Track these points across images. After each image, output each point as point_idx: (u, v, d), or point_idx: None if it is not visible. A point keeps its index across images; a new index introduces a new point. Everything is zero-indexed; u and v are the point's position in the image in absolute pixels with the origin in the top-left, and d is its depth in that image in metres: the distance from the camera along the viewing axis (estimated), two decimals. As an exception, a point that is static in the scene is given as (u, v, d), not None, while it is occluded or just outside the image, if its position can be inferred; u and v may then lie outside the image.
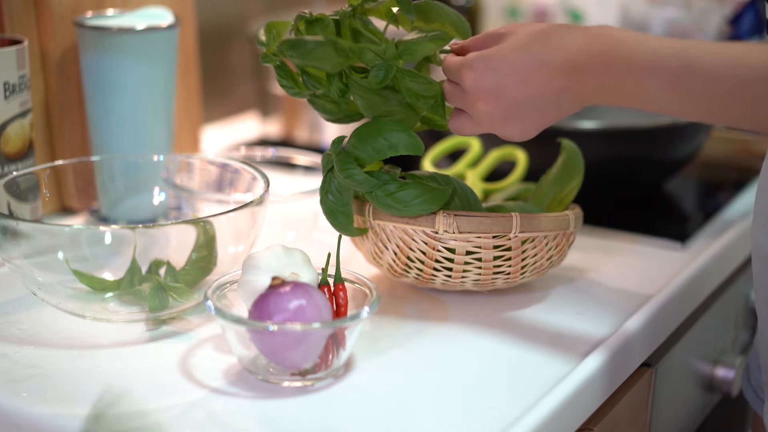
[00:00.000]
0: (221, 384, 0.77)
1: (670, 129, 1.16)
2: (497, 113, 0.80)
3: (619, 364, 0.86)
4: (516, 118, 0.80)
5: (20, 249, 0.83)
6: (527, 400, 0.77)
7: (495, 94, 0.79)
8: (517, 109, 0.79)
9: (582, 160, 0.98)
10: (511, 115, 0.80)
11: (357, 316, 0.77)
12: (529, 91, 0.78)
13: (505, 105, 0.79)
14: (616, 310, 0.92)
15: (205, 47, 1.47)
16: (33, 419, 0.73)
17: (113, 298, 0.88)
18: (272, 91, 1.44)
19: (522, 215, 0.87)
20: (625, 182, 1.19)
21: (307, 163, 1.14)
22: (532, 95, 0.79)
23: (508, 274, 0.90)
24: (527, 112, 0.80)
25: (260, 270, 0.79)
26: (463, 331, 0.88)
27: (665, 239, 1.09)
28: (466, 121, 0.84)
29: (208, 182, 1.03)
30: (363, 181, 0.85)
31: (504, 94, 0.79)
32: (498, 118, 0.81)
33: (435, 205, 0.86)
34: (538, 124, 0.81)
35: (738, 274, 1.18)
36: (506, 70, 0.78)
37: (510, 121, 0.81)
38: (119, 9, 1.14)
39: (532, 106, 0.79)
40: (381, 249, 0.90)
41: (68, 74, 1.11)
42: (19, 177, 0.92)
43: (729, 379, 1.13)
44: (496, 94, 0.79)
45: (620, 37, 0.76)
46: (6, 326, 0.86)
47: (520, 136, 0.82)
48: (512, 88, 0.79)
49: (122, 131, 1.08)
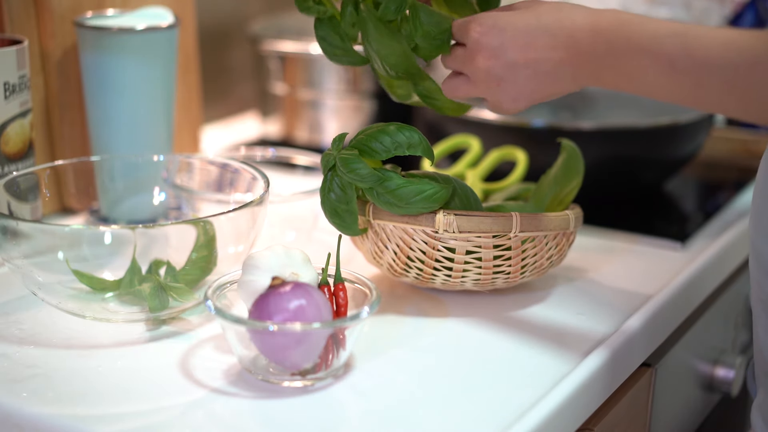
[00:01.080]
0: (221, 384, 0.77)
1: (670, 129, 1.16)
2: (494, 72, 0.81)
3: (619, 364, 0.86)
4: (511, 81, 0.81)
5: (20, 249, 0.83)
6: (527, 399, 0.77)
7: (496, 52, 0.81)
8: (514, 71, 0.81)
9: (582, 160, 0.98)
10: (506, 76, 0.81)
11: (357, 316, 0.77)
12: (529, 55, 0.80)
13: (503, 64, 0.81)
14: (616, 310, 0.92)
15: (205, 47, 1.47)
16: (33, 419, 0.73)
17: (113, 298, 0.88)
18: (272, 91, 1.44)
19: (522, 215, 0.87)
20: (625, 182, 1.19)
21: (307, 163, 1.14)
22: (531, 60, 0.80)
23: (508, 274, 0.90)
24: (524, 77, 0.81)
25: (260, 270, 0.79)
26: (463, 331, 0.88)
27: (665, 239, 1.09)
28: (461, 81, 0.85)
29: (208, 182, 1.03)
30: (366, 176, 0.85)
31: (504, 54, 0.80)
32: (493, 78, 0.82)
33: (436, 203, 0.86)
34: (531, 95, 0.82)
35: (738, 274, 1.18)
36: (512, 32, 0.80)
37: (504, 83, 0.81)
38: (119, 9, 1.14)
39: (530, 72, 0.80)
40: (381, 249, 0.90)
41: (68, 74, 1.11)
42: (19, 177, 0.92)
43: (729, 379, 1.13)
44: (497, 52, 0.81)
45: (625, 18, 0.77)
46: (6, 326, 0.86)
47: (511, 103, 0.83)
48: (514, 50, 0.80)
49: (122, 131, 1.08)
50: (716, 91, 0.73)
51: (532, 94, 0.82)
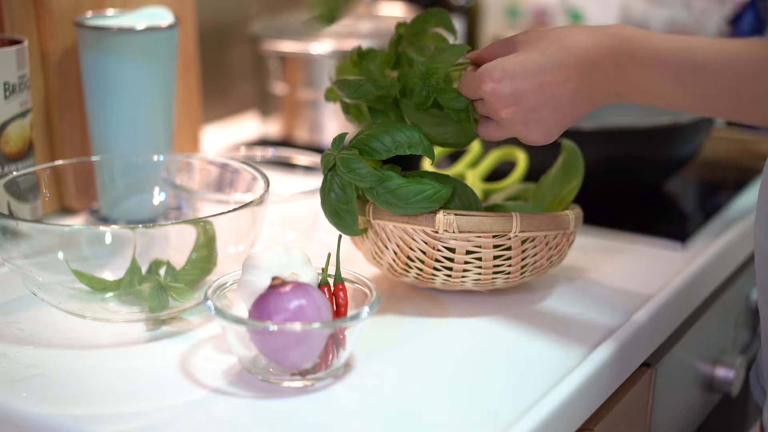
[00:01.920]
0: (221, 384, 0.77)
1: (670, 129, 1.16)
2: (518, 118, 0.82)
3: (619, 364, 0.86)
4: (536, 121, 0.82)
5: (20, 249, 0.83)
6: (527, 399, 0.77)
7: (514, 100, 0.81)
8: (536, 112, 0.81)
9: (582, 160, 0.98)
10: (531, 118, 0.82)
11: (357, 316, 0.77)
12: (546, 93, 0.80)
13: (524, 109, 0.81)
14: (616, 310, 0.92)
15: (205, 47, 1.47)
16: (33, 419, 0.73)
17: (113, 298, 0.88)
18: (272, 91, 1.44)
19: (522, 215, 0.87)
20: (625, 182, 1.19)
21: (307, 163, 1.14)
22: (549, 97, 0.80)
23: (508, 274, 0.90)
24: (547, 114, 0.81)
25: (260, 270, 0.79)
26: (463, 330, 0.88)
27: (665, 239, 1.09)
28: (493, 127, 0.86)
29: (208, 182, 1.03)
30: (366, 176, 0.85)
31: (522, 99, 0.81)
32: (519, 123, 0.82)
33: (436, 203, 0.86)
34: (558, 126, 0.83)
35: (738, 274, 1.18)
36: (522, 76, 0.80)
37: (530, 124, 0.82)
38: (119, 9, 1.14)
39: (552, 108, 0.81)
40: (381, 249, 0.90)
41: (68, 74, 1.11)
42: (19, 177, 0.92)
43: (729, 379, 1.13)
44: (515, 99, 0.81)
45: (627, 35, 0.78)
46: (6, 326, 0.86)
47: (542, 138, 0.84)
48: (530, 93, 0.80)
49: (122, 131, 1.08)
50: (725, 100, 0.74)
51: (558, 125, 0.83)
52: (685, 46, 0.75)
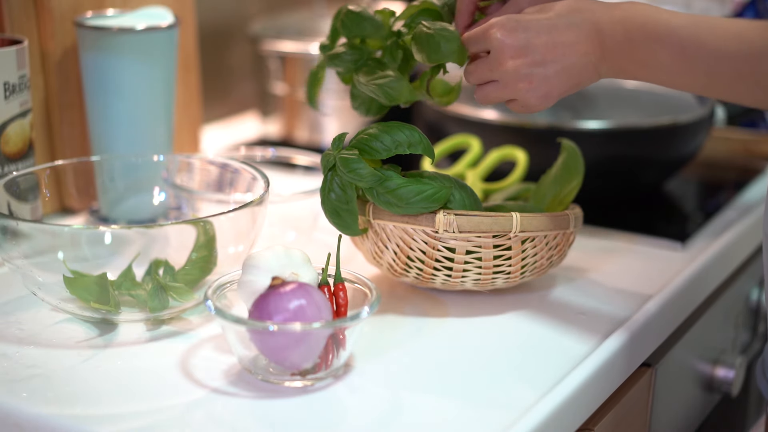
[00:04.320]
0: (221, 384, 0.77)
1: (670, 129, 1.16)
2: (523, 70, 0.82)
3: (619, 363, 0.86)
4: (541, 78, 0.82)
5: (20, 249, 0.83)
6: (527, 399, 0.77)
7: (524, 51, 0.82)
8: (543, 67, 0.82)
9: (582, 160, 0.98)
10: (536, 74, 0.82)
11: (357, 316, 0.77)
12: (557, 50, 0.81)
13: (532, 61, 0.82)
14: (616, 310, 0.92)
15: (205, 47, 1.47)
16: (33, 419, 0.73)
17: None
18: (272, 91, 1.44)
19: (522, 215, 0.87)
20: (625, 182, 1.19)
21: (307, 163, 1.14)
22: (559, 55, 0.82)
23: (508, 274, 0.90)
24: (552, 73, 0.82)
25: (260, 270, 0.79)
26: (463, 330, 0.88)
27: (665, 239, 1.09)
28: (491, 88, 0.86)
29: (208, 182, 1.03)
30: (366, 176, 0.85)
31: (532, 51, 0.82)
32: (523, 76, 0.83)
33: (436, 203, 0.86)
34: (559, 88, 0.83)
35: (738, 274, 1.18)
36: (536, 29, 0.82)
37: (534, 80, 0.83)
38: (119, 9, 1.14)
39: (558, 67, 0.82)
40: (381, 249, 0.90)
41: (68, 74, 1.11)
42: (19, 177, 0.92)
43: (729, 379, 1.13)
44: (525, 50, 0.82)
45: (641, 8, 0.80)
46: (6, 326, 0.86)
47: (541, 100, 0.84)
48: (541, 46, 0.81)
49: (122, 131, 1.08)
50: (727, 79, 0.76)
51: (560, 87, 0.83)
52: (693, 21, 0.77)
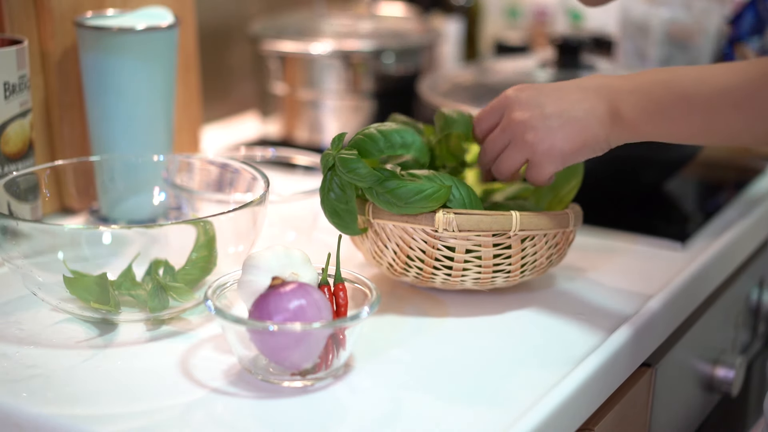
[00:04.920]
0: (221, 384, 0.77)
1: (670, 129, 1.16)
2: (530, 122, 0.87)
3: (619, 363, 0.86)
4: (545, 130, 0.86)
5: (20, 249, 0.83)
6: (527, 399, 0.77)
7: (532, 105, 0.87)
8: (548, 119, 0.86)
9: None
10: (541, 126, 0.86)
11: (357, 316, 0.77)
12: (563, 105, 0.86)
13: (540, 114, 0.86)
14: (616, 310, 0.92)
15: (205, 47, 1.47)
16: (33, 419, 0.73)
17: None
18: (272, 91, 1.44)
19: (522, 213, 0.87)
20: (625, 182, 1.19)
21: (307, 163, 1.14)
22: (564, 108, 0.86)
23: (507, 273, 0.90)
24: (557, 125, 0.86)
25: (260, 270, 0.79)
26: (463, 330, 0.88)
27: (665, 239, 1.09)
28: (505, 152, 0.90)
29: (208, 182, 1.03)
30: (365, 176, 0.85)
31: (540, 105, 0.87)
32: (530, 128, 0.87)
33: (435, 203, 0.86)
34: (562, 144, 0.86)
35: (738, 274, 1.18)
36: (547, 89, 0.88)
37: (540, 132, 0.86)
38: (119, 9, 1.14)
39: (563, 120, 0.86)
40: (381, 248, 0.90)
41: (68, 74, 1.11)
42: (19, 177, 0.92)
43: (729, 379, 1.13)
44: (533, 104, 0.87)
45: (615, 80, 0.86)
46: (6, 326, 0.86)
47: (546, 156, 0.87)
48: (549, 103, 0.86)
49: (122, 131, 1.08)
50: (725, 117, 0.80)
51: (563, 141, 0.86)
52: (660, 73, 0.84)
